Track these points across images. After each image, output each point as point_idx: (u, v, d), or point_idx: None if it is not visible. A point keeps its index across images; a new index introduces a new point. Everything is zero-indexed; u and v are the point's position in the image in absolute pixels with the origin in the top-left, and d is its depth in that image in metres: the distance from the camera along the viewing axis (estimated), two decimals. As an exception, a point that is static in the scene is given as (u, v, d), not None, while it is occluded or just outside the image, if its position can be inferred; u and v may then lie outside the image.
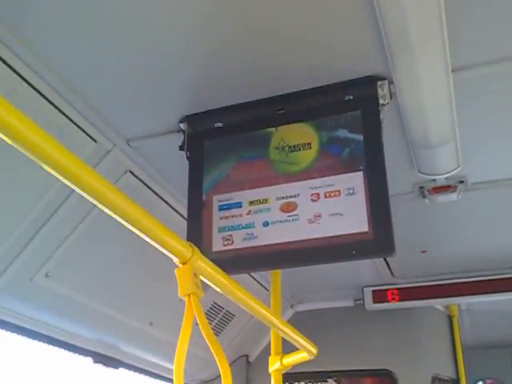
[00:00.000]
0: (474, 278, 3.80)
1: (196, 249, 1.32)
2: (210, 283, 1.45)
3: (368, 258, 1.96)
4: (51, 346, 2.74)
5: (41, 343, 2.68)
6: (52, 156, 0.91)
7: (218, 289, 1.49)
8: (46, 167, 0.92)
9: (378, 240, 1.79)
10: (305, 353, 2.33)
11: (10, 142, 0.86)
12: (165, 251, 1.25)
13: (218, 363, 1.27)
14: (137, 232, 1.17)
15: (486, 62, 1.90)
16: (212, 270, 1.41)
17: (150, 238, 1.20)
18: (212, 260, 1.93)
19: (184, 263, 1.29)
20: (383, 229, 1.81)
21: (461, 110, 2.08)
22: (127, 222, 1.12)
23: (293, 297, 4.34)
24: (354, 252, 1.82)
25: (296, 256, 1.90)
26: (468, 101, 2.08)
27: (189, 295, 1.27)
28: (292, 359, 2.40)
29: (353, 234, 1.83)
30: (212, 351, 1.28)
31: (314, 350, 2.36)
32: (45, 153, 0.90)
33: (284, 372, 2.52)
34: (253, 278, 3.61)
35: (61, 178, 0.95)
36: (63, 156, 0.93)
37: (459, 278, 3.83)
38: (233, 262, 1.96)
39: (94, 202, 1.03)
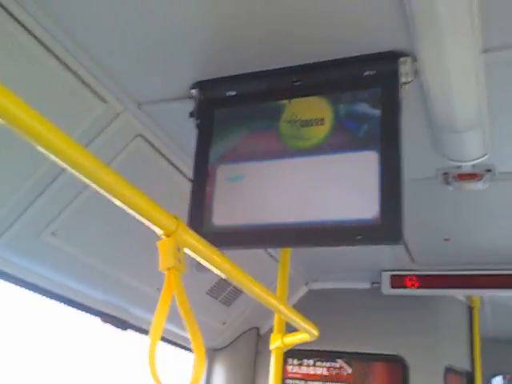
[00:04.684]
0: (497, 272, 3.65)
1: (182, 222, 1.26)
2: (197, 257, 1.40)
3: (373, 244, 1.86)
4: (59, 303, 2.77)
5: (48, 299, 2.71)
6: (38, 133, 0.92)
7: (206, 263, 1.44)
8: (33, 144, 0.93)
9: (385, 226, 1.70)
10: (306, 334, 2.28)
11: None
12: (148, 223, 1.20)
13: (192, 345, 1.22)
14: (118, 203, 1.12)
15: None
16: (199, 244, 1.35)
17: (133, 210, 1.15)
18: (212, 232, 1.92)
19: (168, 236, 1.24)
20: (392, 215, 1.70)
21: (491, 95, 1.94)
22: (107, 192, 1.08)
23: (308, 274, 4.28)
24: (359, 237, 1.73)
25: (298, 236, 1.83)
26: (499, 85, 1.94)
27: (169, 269, 1.22)
28: (293, 339, 2.35)
29: (360, 218, 1.74)
30: (188, 331, 1.22)
31: (316, 332, 2.30)
32: (32, 130, 0.91)
33: (290, 349, 2.49)
34: (266, 252, 3.57)
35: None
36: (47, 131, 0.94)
37: (482, 270, 3.70)
38: (233, 237, 1.91)
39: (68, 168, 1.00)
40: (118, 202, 1.11)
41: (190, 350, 3.86)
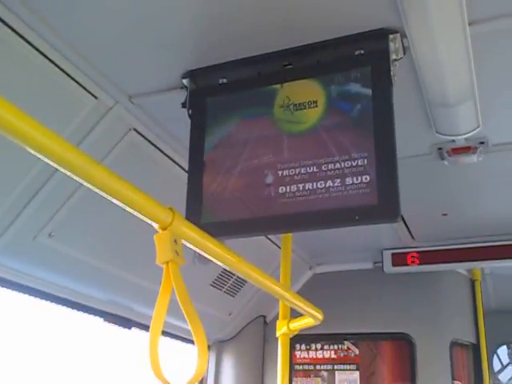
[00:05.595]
0: (496, 243, 3.67)
1: (178, 213, 1.25)
2: (196, 249, 1.39)
3: (371, 223, 1.87)
4: (60, 306, 2.75)
5: (49, 303, 2.69)
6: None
7: (205, 254, 1.43)
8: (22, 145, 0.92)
9: (382, 205, 1.69)
10: (311, 318, 2.28)
11: None
12: (143, 217, 1.19)
13: (194, 337, 1.21)
14: (110, 199, 1.10)
15: (506, 15, 1.74)
16: (196, 235, 1.34)
17: (126, 204, 1.13)
18: (211, 223, 1.91)
19: (165, 229, 1.22)
20: (388, 193, 1.70)
21: (480, 66, 1.93)
22: (98, 188, 1.06)
23: (311, 259, 4.28)
24: (357, 217, 1.72)
25: (297, 221, 1.82)
26: (487, 56, 1.93)
27: (167, 263, 1.20)
28: (298, 324, 2.35)
29: (356, 198, 1.73)
30: (189, 324, 1.21)
31: (320, 316, 2.30)
32: (19, 131, 0.89)
33: (297, 334, 2.49)
34: (268, 239, 3.56)
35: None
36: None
37: (482, 242, 3.71)
38: (232, 225, 1.90)
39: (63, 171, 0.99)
40: (110, 198, 1.10)
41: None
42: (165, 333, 3.55)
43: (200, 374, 1.19)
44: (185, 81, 2.10)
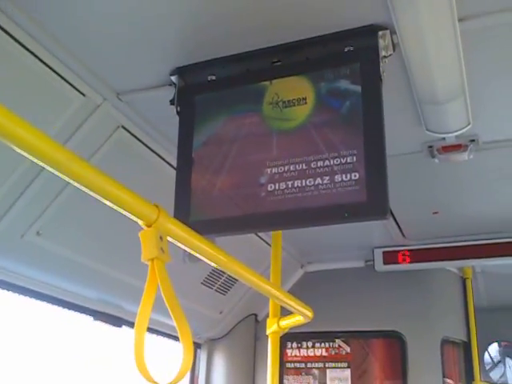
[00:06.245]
0: (487, 241, 3.68)
1: (163, 210, 1.24)
2: (182, 246, 1.37)
3: (361, 220, 1.86)
4: (50, 305, 2.73)
5: (38, 302, 2.67)
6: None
7: (192, 251, 1.42)
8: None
9: (371, 202, 1.69)
10: (300, 316, 2.28)
11: None
12: (128, 214, 1.17)
13: (179, 335, 1.19)
14: (95, 196, 1.09)
15: (496, 11, 1.73)
16: (183, 232, 1.33)
17: (110, 201, 1.12)
18: (200, 220, 1.90)
19: (150, 226, 1.21)
20: (378, 191, 1.70)
21: (470, 64, 1.92)
22: (82, 184, 1.05)
23: (303, 257, 4.28)
24: (347, 214, 1.72)
25: (286, 217, 1.81)
26: (477, 53, 1.92)
27: (152, 260, 1.19)
28: (288, 322, 2.35)
29: (346, 195, 1.73)
30: (174, 321, 1.20)
31: (310, 314, 2.29)
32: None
33: (288, 333, 2.49)
34: (258, 236, 3.55)
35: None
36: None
37: (472, 240, 3.72)
38: (221, 223, 1.88)
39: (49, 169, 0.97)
40: (93, 195, 1.08)
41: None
42: (152, 330, 3.53)
43: (185, 370, 1.18)
44: (173, 78, 2.08)
